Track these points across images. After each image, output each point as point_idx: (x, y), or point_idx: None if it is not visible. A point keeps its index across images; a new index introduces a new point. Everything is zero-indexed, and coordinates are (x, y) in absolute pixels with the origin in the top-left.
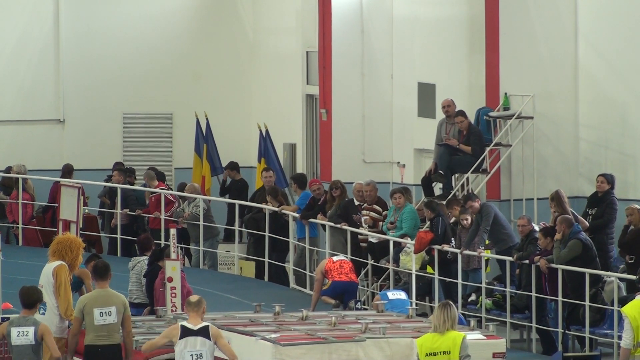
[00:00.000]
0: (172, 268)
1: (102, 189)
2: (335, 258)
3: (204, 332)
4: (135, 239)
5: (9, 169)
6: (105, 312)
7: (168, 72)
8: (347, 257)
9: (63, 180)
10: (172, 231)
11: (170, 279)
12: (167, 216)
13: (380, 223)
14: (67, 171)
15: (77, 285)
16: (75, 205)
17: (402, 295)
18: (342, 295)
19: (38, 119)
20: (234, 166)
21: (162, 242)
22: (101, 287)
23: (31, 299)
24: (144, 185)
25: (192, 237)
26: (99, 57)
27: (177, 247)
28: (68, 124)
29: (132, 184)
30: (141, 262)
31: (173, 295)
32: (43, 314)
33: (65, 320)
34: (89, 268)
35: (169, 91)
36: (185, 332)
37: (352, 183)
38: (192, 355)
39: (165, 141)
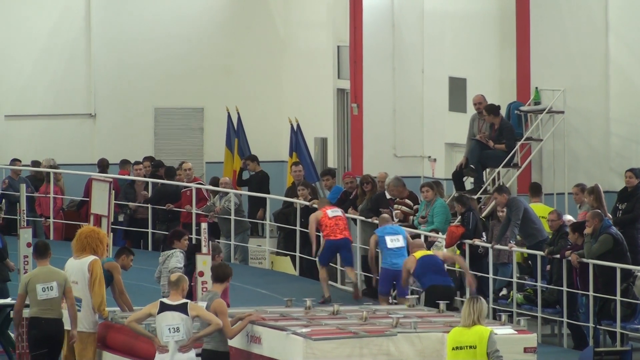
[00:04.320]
0: (203, 262)
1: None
2: (330, 213)
3: (181, 308)
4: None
5: (37, 163)
6: (48, 287)
7: (199, 66)
8: (341, 212)
9: (95, 175)
10: (203, 225)
11: (202, 273)
12: (199, 210)
13: (411, 217)
14: (103, 166)
15: (109, 280)
16: (107, 199)
17: (399, 241)
18: (338, 251)
19: (69, 114)
20: (253, 158)
21: (194, 236)
22: (42, 265)
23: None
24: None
25: (222, 232)
26: (130, 51)
27: (208, 241)
28: (99, 118)
29: (162, 178)
30: (171, 255)
31: (204, 290)
32: (79, 310)
33: (96, 314)
34: (120, 262)
35: (200, 85)
36: (164, 307)
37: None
38: (169, 328)
39: (197, 135)
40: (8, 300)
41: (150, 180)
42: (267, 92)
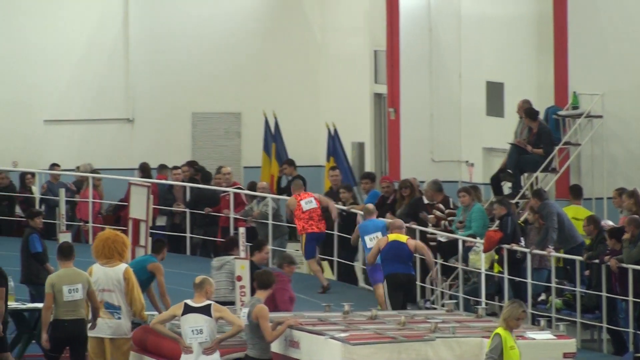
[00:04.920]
0: (241, 266)
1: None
2: (305, 206)
3: (205, 310)
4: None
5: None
6: (73, 289)
7: (237, 72)
8: (315, 201)
9: (133, 179)
10: (241, 230)
11: (239, 278)
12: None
13: (443, 222)
14: (145, 170)
15: (150, 281)
16: (145, 203)
17: (378, 234)
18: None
19: (108, 119)
20: (290, 162)
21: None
22: (66, 267)
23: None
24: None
25: (260, 236)
26: (168, 56)
27: (246, 245)
28: (137, 123)
29: (199, 182)
30: (231, 262)
31: (242, 294)
32: (119, 318)
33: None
34: (162, 256)
35: (237, 90)
36: (188, 309)
37: (423, 182)
38: (192, 330)
39: (234, 140)
40: None
41: (188, 185)
42: (304, 97)
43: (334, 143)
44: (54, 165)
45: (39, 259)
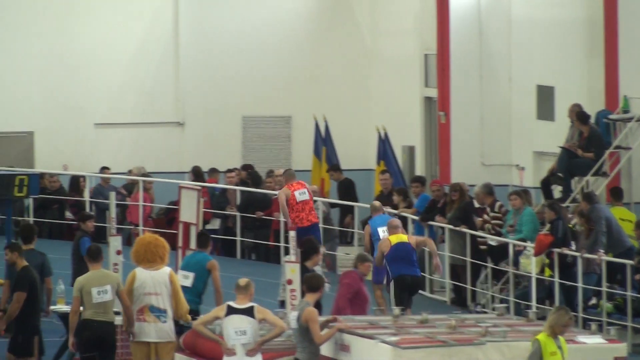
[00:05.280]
0: (292, 270)
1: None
2: (298, 196)
3: (248, 312)
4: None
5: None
6: (102, 291)
7: (287, 75)
8: (308, 193)
9: (183, 183)
10: (292, 233)
11: (290, 281)
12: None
13: (486, 225)
14: (196, 174)
15: (206, 278)
16: (195, 207)
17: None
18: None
19: (158, 122)
20: (336, 167)
21: (282, 244)
22: (95, 269)
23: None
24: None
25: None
26: (218, 60)
27: (297, 249)
28: (188, 127)
29: (249, 185)
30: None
31: (293, 297)
32: (165, 322)
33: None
34: (209, 252)
35: (287, 94)
36: (231, 311)
37: (473, 185)
38: (236, 331)
39: (284, 143)
40: None
41: (239, 188)
42: (354, 100)
43: (384, 146)
44: (104, 169)
45: None
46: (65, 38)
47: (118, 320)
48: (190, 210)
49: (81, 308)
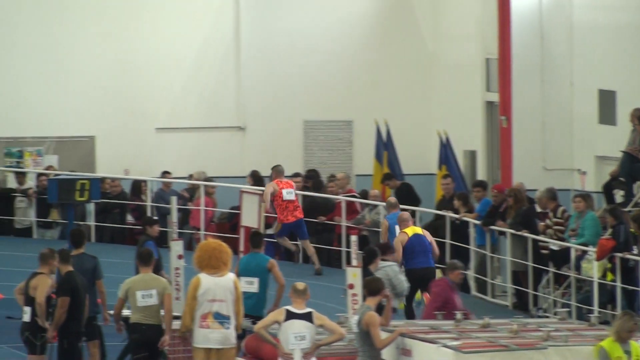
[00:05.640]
0: (353, 274)
1: None
2: (286, 195)
3: (307, 317)
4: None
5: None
6: (147, 295)
7: (348, 79)
8: (294, 194)
9: (245, 187)
10: (353, 238)
11: (351, 286)
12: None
13: (548, 230)
14: (255, 178)
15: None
16: (257, 212)
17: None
18: (292, 230)
19: (219, 127)
20: (389, 176)
21: (343, 248)
22: (145, 272)
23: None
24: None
25: (372, 244)
26: (279, 64)
27: (359, 254)
28: (249, 131)
29: (310, 190)
30: (387, 267)
31: (354, 302)
32: (228, 328)
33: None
34: (263, 251)
35: (349, 98)
36: (289, 316)
37: (534, 190)
38: (295, 336)
39: (346, 148)
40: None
41: (301, 193)
42: (415, 105)
43: (445, 151)
44: (165, 173)
45: (155, 266)
46: (126, 43)
47: (176, 324)
48: (251, 215)
49: (128, 311)
